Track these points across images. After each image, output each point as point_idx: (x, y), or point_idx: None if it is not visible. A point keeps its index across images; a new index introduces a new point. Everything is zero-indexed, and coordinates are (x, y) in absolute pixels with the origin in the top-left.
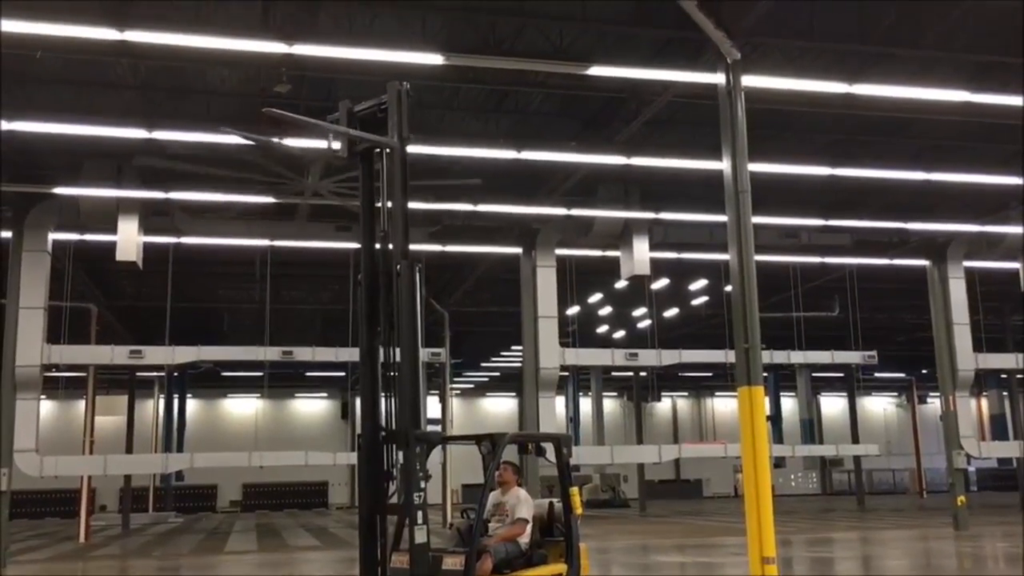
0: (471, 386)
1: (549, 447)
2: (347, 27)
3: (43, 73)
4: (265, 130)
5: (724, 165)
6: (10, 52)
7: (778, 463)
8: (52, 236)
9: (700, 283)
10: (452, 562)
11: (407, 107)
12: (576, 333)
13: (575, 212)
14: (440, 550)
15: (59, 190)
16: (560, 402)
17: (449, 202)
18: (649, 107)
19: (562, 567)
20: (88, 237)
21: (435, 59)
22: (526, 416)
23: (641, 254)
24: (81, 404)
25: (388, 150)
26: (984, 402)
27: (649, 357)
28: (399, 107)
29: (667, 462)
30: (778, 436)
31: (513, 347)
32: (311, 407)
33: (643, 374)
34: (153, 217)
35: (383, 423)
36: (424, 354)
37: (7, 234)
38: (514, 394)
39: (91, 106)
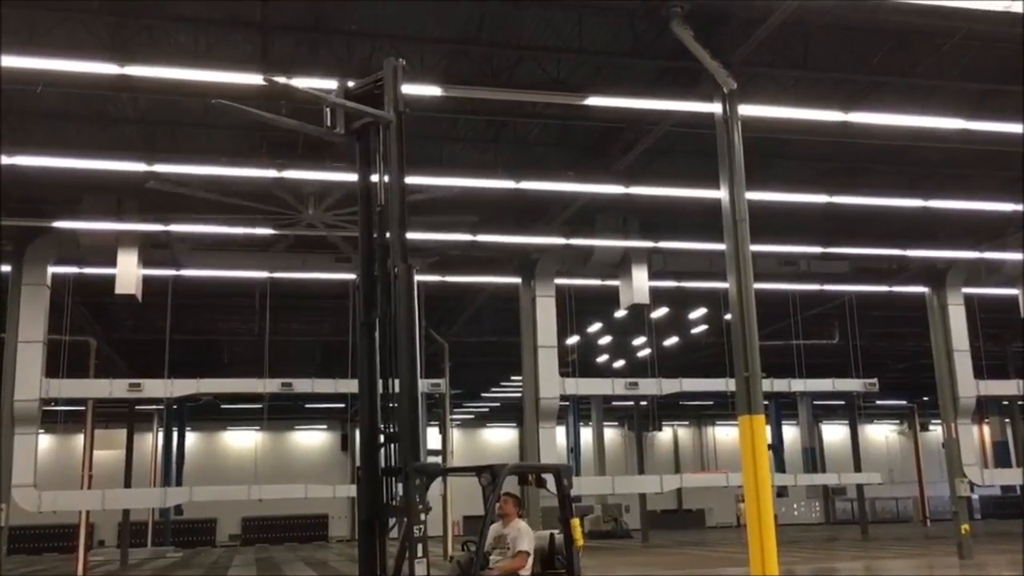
0: (471, 417)
1: (550, 478)
2: (346, 60)
3: (43, 107)
4: (266, 162)
5: (722, 194)
6: (11, 87)
7: (780, 492)
8: (51, 269)
9: (700, 312)
10: None
11: (402, 81)
12: (576, 363)
13: (574, 241)
14: None
15: (58, 224)
16: (561, 432)
17: (448, 233)
18: (647, 136)
19: None
20: (87, 270)
21: (433, 91)
22: (527, 446)
23: (640, 283)
24: (80, 438)
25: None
26: (986, 429)
27: (649, 386)
28: (394, 82)
29: (669, 492)
30: (780, 465)
31: (513, 377)
32: (311, 439)
33: (644, 403)
34: (152, 250)
35: (382, 454)
36: (424, 385)
37: (6, 268)
38: (514, 424)
39: (91, 140)
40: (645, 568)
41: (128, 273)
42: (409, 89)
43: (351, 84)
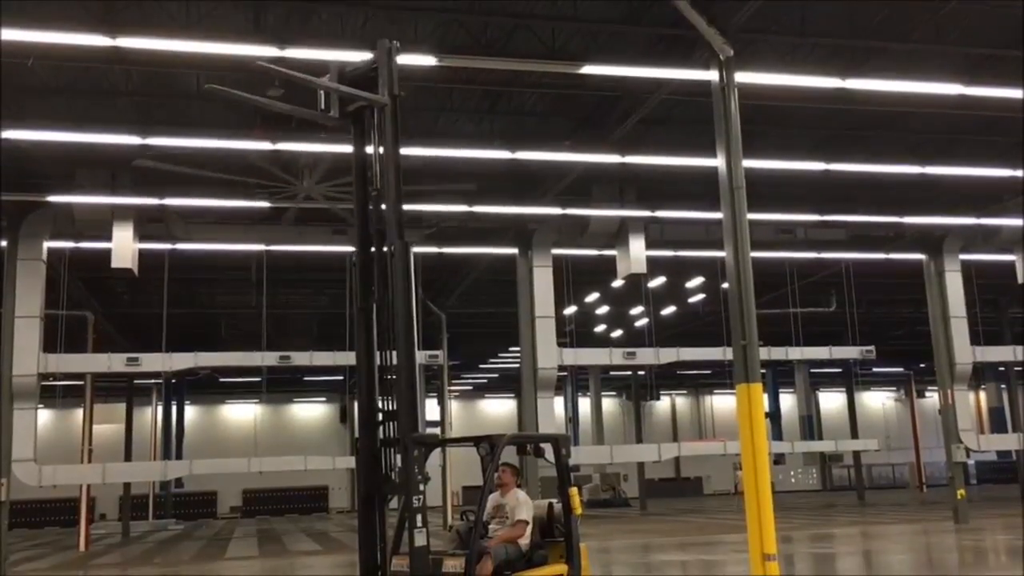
0: (470, 388)
1: (548, 448)
2: (339, 30)
3: (35, 81)
4: (259, 135)
5: (719, 162)
6: (2, 60)
7: (777, 459)
8: (47, 244)
9: (697, 281)
10: (452, 564)
11: (396, 64)
12: (574, 333)
13: (571, 212)
14: (440, 552)
15: (53, 198)
16: (559, 402)
17: (445, 204)
18: (643, 105)
19: (563, 567)
20: (83, 245)
21: (428, 60)
22: (525, 417)
23: (637, 253)
24: (79, 413)
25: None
26: (983, 395)
27: (647, 356)
28: (389, 64)
29: (667, 460)
30: (777, 432)
31: (511, 348)
32: (310, 412)
33: (641, 373)
34: (148, 224)
35: (381, 426)
36: (422, 356)
37: (2, 243)
38: (513, 395)
39: (84, 114)
40: (644, 536)
41: (124, 247)
42: (403, 59)
43: (345, 66)
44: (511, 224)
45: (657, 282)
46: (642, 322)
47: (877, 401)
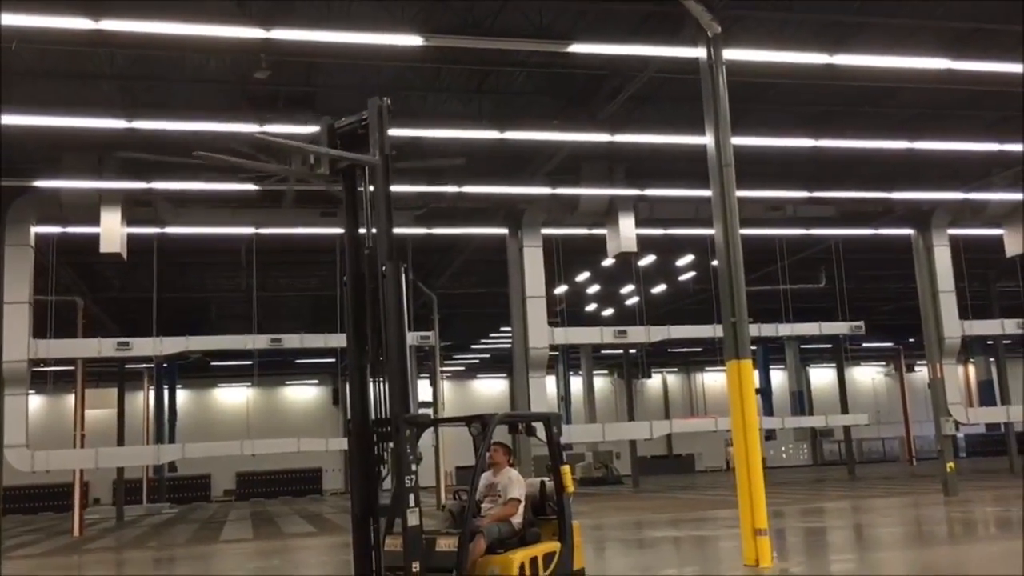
0: (462, 368)
1: (540, 426)
2: (325, 11)
3: (19, 65)
4: (246, 116)
5: (707, 139)
6: None
7: (768, 435)
8: (34, 230)
9: (687, 259)
10: (445, 543)
11: (387, 122)
12: (565, 312)
13: (560, 191)
14: (433, 532)
15: (40, 183)
16: (551, 381)
17: (434, 184)
18: (631, 83)
19: (555, 545)
20: (71, 230)
21: (414, 40)
22: (517, 396)
23: (627, 231)
24: (70, 398)
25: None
26: (971, 368)
27: (638, 334)
28: (380, 123)
29: (659, 438)
30: (768, 408)
31: (502, 328)
32: (302, 394)
33: (633, 351)
34: (136, 208)
35: (372, 408)
36: (414, 337)
37: None
38: (504, 375)
39: (69, 98)
40: (637, 513)
41: (112, 231)
42: (390, 40)
43: (336, 123)
44: (501, 204)
45: (647, 260)
46: (633, 300)
47: (867, 376)
